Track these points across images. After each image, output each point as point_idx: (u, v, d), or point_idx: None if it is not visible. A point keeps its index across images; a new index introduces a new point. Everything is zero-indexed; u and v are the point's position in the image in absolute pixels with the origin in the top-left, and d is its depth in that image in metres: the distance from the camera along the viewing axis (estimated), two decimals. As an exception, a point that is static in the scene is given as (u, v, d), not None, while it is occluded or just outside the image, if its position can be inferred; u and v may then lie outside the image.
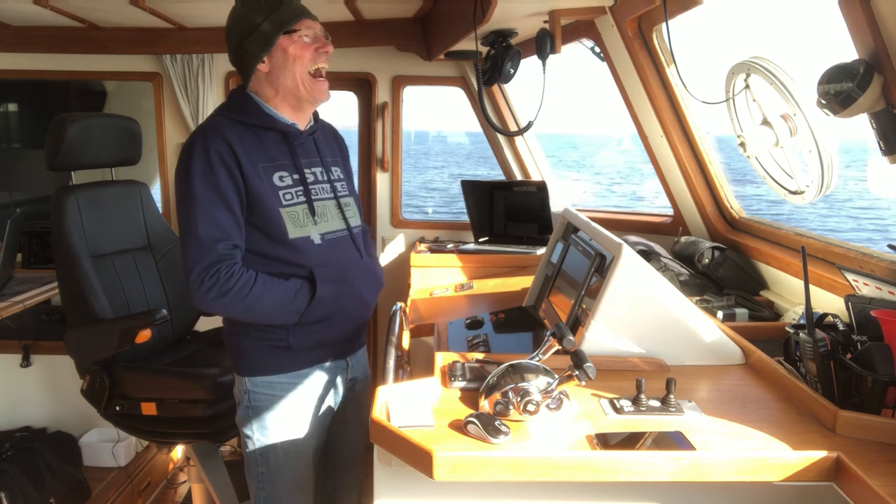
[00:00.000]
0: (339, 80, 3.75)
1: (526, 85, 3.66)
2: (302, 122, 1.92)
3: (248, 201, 1.79)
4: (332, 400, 2.01)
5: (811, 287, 1.50)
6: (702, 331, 1.67)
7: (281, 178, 1.85)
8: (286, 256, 1.84)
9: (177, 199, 1.81)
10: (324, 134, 2.04)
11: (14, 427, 3.42)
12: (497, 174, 3.93)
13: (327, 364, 1.97)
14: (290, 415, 1.91)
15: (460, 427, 1.29)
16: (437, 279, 2.87)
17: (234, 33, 1.86)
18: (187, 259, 1.77)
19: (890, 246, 1.71)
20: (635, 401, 1.40)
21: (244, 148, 1.79)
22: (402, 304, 2.17)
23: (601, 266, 1.74)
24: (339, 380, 2.01)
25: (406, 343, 2.06)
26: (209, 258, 1.74)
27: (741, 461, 1.20)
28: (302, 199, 1.87)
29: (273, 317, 1.82)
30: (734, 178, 2.83)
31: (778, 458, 1.21)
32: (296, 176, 1.88)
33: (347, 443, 2.12)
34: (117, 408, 2.45)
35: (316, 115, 2.01)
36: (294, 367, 1.91)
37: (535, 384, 1.33)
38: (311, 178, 1.91)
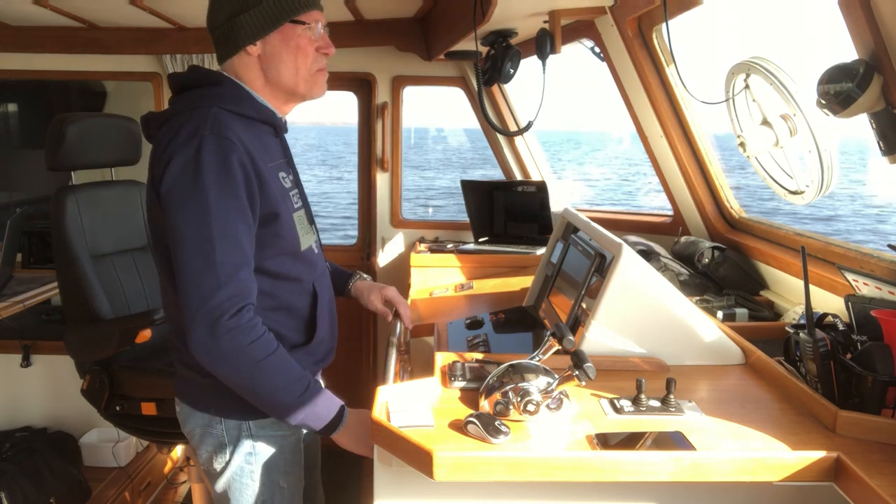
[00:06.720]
0: (339, 80, 3.74)
1: (526, 85, 3.66)
2: (285, 116, 1.70)
3: (265, 210, 1.50)
4: None
5: (811, 287, 1.50)
6: (702, 331, 1.67)
7: (283, 178, 1.61)
8: (295, 272, 1.61)
9: (175, 213, 1.43)
10: None
11: (14, 427, 3.42)
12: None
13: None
14: (294, 452, 1.70)
15: (460, 427, 1.29)
16: (437, 279, 2.87)
17: (228, 1, 1.58)
18: (198, 288, 1.39)
19: (890, 246, 1.71)
20: (635, 401, 1.40)
21: (252, 145, 1.50)
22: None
23: (601, 266, 1.74)
24: None
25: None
26: (231, 289, 1.40)
27: (741, 461, 1.20)
28: (300, 202, 1.65)
29: (264, 398, 1.47)
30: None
31: (778, 458, 1.21)
32: (291, 176, 1.66)
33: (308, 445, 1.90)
34: (117, 408, 2.44)
35: None
36: None
37: (535, 384, 1.33)
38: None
